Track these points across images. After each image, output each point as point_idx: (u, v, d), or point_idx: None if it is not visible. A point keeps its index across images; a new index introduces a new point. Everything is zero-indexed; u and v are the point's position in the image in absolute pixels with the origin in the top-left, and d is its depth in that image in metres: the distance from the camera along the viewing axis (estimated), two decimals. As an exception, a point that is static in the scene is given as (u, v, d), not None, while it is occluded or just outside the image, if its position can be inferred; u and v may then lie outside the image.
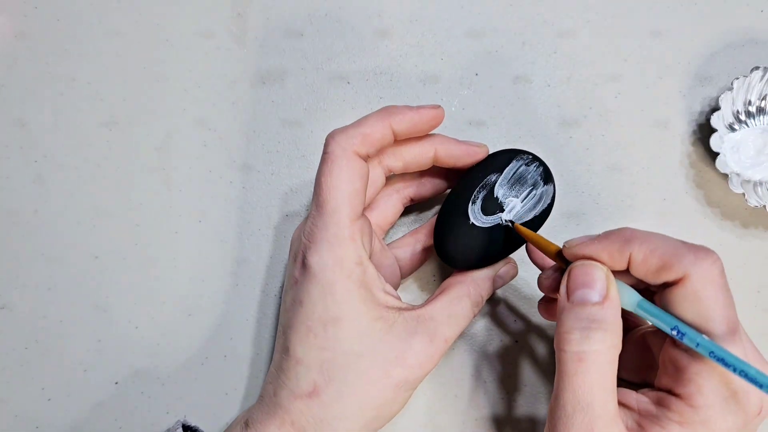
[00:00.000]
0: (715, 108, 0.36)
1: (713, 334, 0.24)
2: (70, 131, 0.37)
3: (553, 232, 0.37)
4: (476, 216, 0.31)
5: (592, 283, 0.26)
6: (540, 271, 0.32)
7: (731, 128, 0.36)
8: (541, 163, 0.31)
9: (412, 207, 0.37)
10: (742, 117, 0.36)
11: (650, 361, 0.29)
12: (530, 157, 0.31)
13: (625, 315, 0.26)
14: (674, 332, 0.24)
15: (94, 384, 0.36)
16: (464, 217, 0.31)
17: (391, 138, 0.30)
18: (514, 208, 0.31)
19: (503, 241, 0.31)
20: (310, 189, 0.37)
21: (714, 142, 0.35)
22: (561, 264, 0.28)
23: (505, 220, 0.31)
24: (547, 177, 0.31)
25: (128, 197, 0.37)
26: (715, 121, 0.35)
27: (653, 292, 0.27)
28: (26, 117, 0.37)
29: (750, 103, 0.36)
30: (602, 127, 0.37)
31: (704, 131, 0.37)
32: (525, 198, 0.31)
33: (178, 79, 0.38)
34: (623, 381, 0.30)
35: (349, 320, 0.28)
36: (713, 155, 0.35)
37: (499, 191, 0.31)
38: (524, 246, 0.32)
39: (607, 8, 0.38)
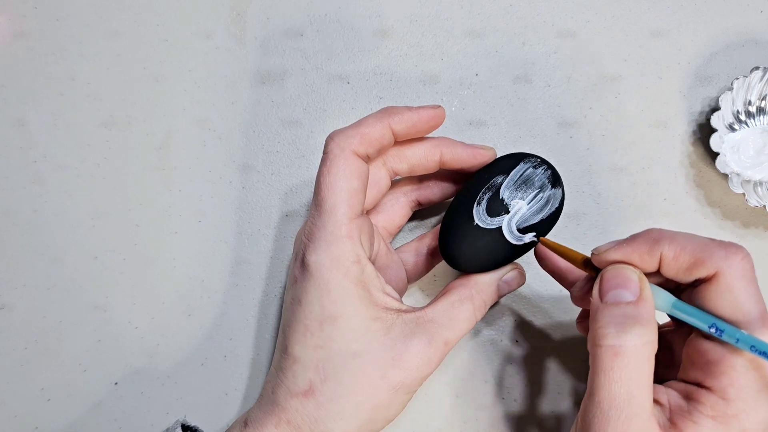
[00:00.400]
0: (715, 108, 0.36)
1: (748, 326, 0.24)
2: (70, 131, 0.37)
3: (553, 232, 0.36)
4: (481, 217, 0.30)
5: (626, 284, 0.25)
6: (550, 277, 0.32)
7: (731, 128, 0.36)
8: (550, 167, 0.31)
9: (419, 212, 0.36)
10: (742, 117, 0.36)
11: (669, 358, 0.29)
12: (539, 160, 0.31)
13: None
14: (712, 330, 0.24)
15: (94, 384, 0.36)
16: (468, 219, 0.30)
17: (391, 138, 0.30)
18: (520, 210, 0.30)
19: (508, 245, 0.31)
20: (310, 189, 0.37)
21: (714, 142, 0.35)
22: (591, 273, 0.28)
23: (532, 236, 0.30)
24: (556, 181, 0.31)
25: (128, 197, 0.37)
26: (715, 121, 0.35)
27: (681, 290, 0.27)
28: (26, 117, 0.37)
29: (750, 103, 0.36)
30: (602, 127, 0.37)
31: (704, 131, 0.37)
32: (531, 200, 0.30)
33: (178, 79, 0.38)
34: None
35: (346, 319, 0.28)
36: (713, 155, 0.35)
37: (505, 193, 0.30)
38: (532, 250, 0.31)
39: (607, 8, 0.38)
